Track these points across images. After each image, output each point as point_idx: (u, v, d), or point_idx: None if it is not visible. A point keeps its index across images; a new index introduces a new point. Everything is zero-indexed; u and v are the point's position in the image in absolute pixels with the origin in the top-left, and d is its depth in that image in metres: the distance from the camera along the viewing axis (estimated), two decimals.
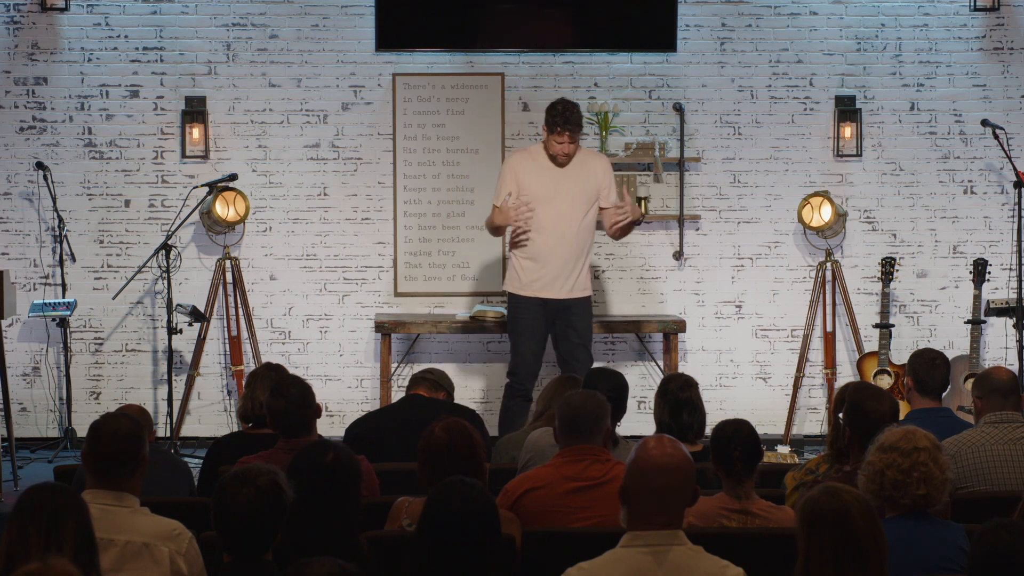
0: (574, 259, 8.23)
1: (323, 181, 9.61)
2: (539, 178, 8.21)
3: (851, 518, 3.76)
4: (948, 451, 5.15)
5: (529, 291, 8.25)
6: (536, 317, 8.26)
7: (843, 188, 9.71)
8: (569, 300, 8.25)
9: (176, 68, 9.53)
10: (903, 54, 9.73)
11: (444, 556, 3.90)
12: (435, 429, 4.86)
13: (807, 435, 9.64)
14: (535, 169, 8.22)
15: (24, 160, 9.47)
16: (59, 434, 9.40)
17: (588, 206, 8.25)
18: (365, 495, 5.40)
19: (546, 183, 8.19)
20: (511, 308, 8.39)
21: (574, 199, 8.20)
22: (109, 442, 4.41)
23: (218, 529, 4.03)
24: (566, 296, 8.24)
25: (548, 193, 8.18)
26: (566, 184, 8.20)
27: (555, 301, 8.24)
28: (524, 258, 8.26)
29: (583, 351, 8.27)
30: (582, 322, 8.30)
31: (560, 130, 8.10)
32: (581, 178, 8.22)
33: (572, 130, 8.11)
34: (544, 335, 8.35)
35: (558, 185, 8.19)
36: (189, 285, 9.48)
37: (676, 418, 6.11)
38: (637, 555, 3.87)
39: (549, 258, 8.20)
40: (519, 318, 8.31)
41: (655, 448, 3.95)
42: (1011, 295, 9.17)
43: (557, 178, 8.20)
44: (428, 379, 6.87)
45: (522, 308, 8.29)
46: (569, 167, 8.22)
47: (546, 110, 8.24)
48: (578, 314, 8.28)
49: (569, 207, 8.19)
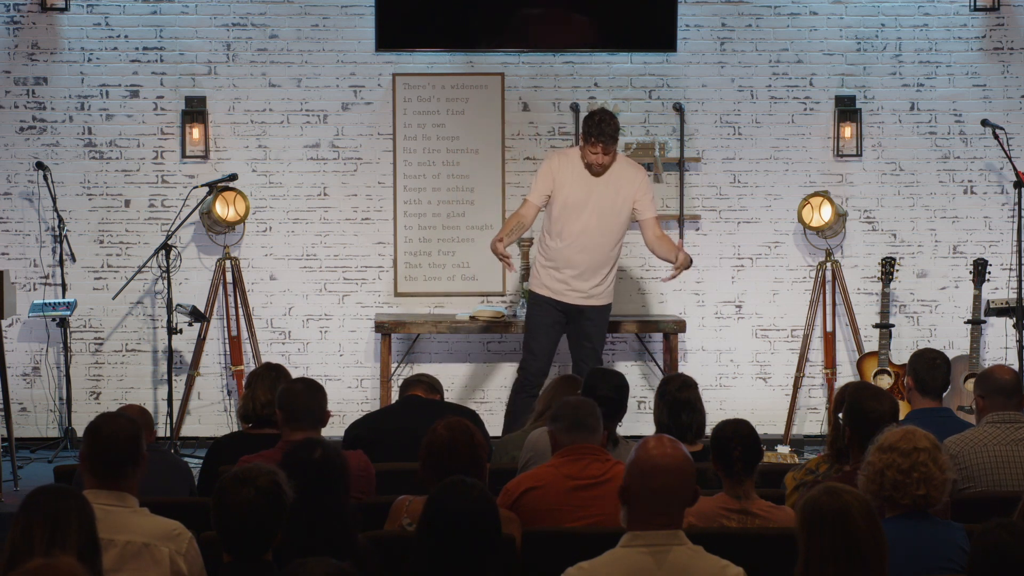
0: (594, 269, 8.23)
1: (323, 181, 9.62)
2: (573, 184, 8.17)
3: (851, 518, 3.76)
4: (950, 450, 5.16)
5: (547, 292, 8.27)
6: (552, 317, 8.29)
7: (843, 188, 9.71)
8: (585, 307, 8.26)
9: (176, 68, 9.53)
10: (903, 54, 9.73)
11: (444, 556, 3.90)
12: (438, 427, 4.88)
13: (807, 435, 9.64)
14: (571, 174, 8.19)
15: (24, 160, 9.47)
16: (59, 434, 9.40)
17: (618, 218, 8.22)
18: (363, 492, 5.43)
19: (579, 190, 8.17)
20: (529, 305, 8.44)
21: (603, 210, 8.17)
22: (107, 442, 4.41)
23: (218, 529, 4.03)
24: (583, 303, 8.25)
25: (579, 201, 8.16)
26: (597, 194, 8.16)
27: (572, 307, 8.26)
28: (546, 263, 8.27)
29: (594, 357, 8.28)
30: (595, 329, 8.31)
31: (595, 141, 8.09)
32: (614, 188, 8.19)
33: (606, 142, 8.08)
34: (558, 335, 8.38)
35: (590, 194, 8.16)
36: (189, 285, 9.48)
37: (675, 418, 6.11)
38: (637, 555, 3.87)
39: (568, 267, 8.22)
40: (534, 316, 8.35)
41: (655, 448, 3.95)
42: (1011, 295, 9.17)
43: (590, 187, 8.17)
44: (424, 381, 6.89)
45: (539, 307, 8.32)
46: (604, 176, 8.19)
47: (584, 118, 8.24)
48: (593, 321, 8.28)
49: (597, 218, 8.17)
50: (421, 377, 6.96)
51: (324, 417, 5.68)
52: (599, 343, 8.37)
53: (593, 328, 8.30)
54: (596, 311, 8.29)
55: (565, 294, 8.25)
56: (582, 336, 8.29)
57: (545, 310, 8.29)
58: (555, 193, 8.18)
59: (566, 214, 8.16)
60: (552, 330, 8.33)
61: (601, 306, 8.31)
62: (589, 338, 8.28)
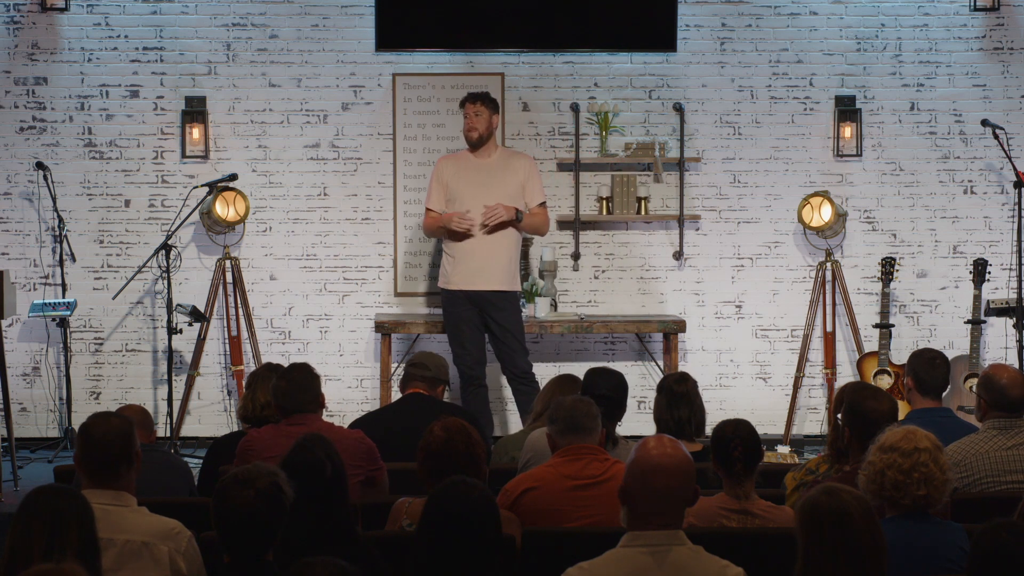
0: (493, 254, 8.49)
1: (323, 181, 9.62)
2: (463, 178, 8.52)
3: (850, 518, 3.76)
4: (953, 458, 5.16)
5: (453, 285, 8.54)
6: (465, 309, 8.53)
7: (843, 188, 9.71)
8: (489, 292, 8.49)
9: (176, 68, 9.53)
10: (903, 54, 9.73)
11: (444, 556, 3.90)
12: (434, 428, 4.88)
13: (807, 435, 9.64)
14: (457, 170, 8.57)
15: (24, 160, 9.47)
16: (59, 434, 9.40)
17: (508, 202, 8.48)
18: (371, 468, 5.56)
19: (470, 182, 8.51)
20: (443, 304, 8.72)
21: (495, 198, 8.46)
22: (100, 443, 4.42)
23: (218, 530, 4.03)
24: (486, 288, 8.49)
25: (470, 191, 8.49)
26: (487, 183, 8.50)
27: (476, 293, 8.50)
28: (447, 255, 8.62)
29: (515, 343, 8.55)
30: (506, 317, 8.54)
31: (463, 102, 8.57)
32: (502, 177, 8.52)
33: (472, 98, 8.54)
34: (479, 326, 8.61)
35: (477, 182, 8.50)
36: (189, 285, 9.48)
37: (673, 411, 6.11)
38: (637, 555, 3.87)
39: (468, 254, 8.50)
40: (449, 312, 8.62)
41: (655, 448, 3.95)
42: (1011, 295, 9.17)
43: (480, 179, 8.50)
44: (425, 377, 6.83)
45: (449, 303, 8.59)
46: (493, 167, 8.53)
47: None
48: (502, 309, 8.53)
49: (488, 203, 8.47)
50: (421, 371, 6.86)
51: (315, 400, 5.77)
52: (517, 331, 8.62)
53: (503, 316, 8.55)
54: (502, 297, 8.57)
55: (468, 282, 8.56)
56: (495, 325, 8.60)
57: (455, 304, 8.61)
58: (447, 192, 8.58)
59: (460, 206, 8.52)
60: (470, 322, 8.62)
61: (507, 291, 8.59)
62: (501, 327, 8.57)
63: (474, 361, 8.55)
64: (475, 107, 8.52)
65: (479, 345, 8.59)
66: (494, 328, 8.54)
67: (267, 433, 5.76)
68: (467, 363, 8.55)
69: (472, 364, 8.55)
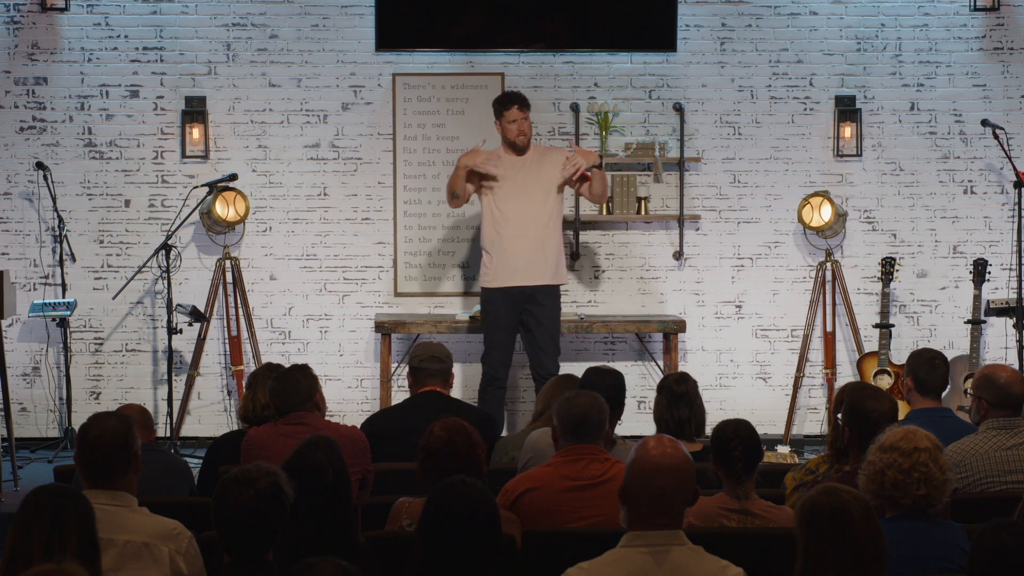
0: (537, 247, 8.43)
1: (323, 181, 9.62)
2: (507, 178, 8.42)
3: (850, 518, 3.76)
4: (953, 458, 5.15)
5: (496, 283, 8.47)
6: (503, 310, 8.47)
7: (843, 188, 9.71)
8: (532, 288, 8.44)
9: (176, 68, 9.53)
10: (903, 54, 9.73)
11: (444, 556, 3.90)
12: (434, 428, 4.88)
13: (807, 435, 9.64)
14: (503, 168, 8.46)
15: (24, 160, 9.47)
16: (59, 434, 9.40)
17: (548, 196, 8.44)
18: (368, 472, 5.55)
19: (513, 181, 8.42)
20: (481, 302, 8.65)
21: (533, 192, 8.42)
22: (98, 443, 4.41)
23: (218, 530, 4.03)
24: (529, 284, 8.44)
25: (513, 191, 8.42)
26: (523, 178, 8.43)
27: (519, 289, 8.44)
28: (486, 252, 8.53)
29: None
30: (545, 313, 8.49)
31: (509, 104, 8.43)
32: (538, 170, 8.45)
33: (521, 104, 8.42)
34: (513, 329, 8.56)
35: (515, 180, 8.42)
36: (189, 285, 9.48)
37: (673, 411, 6.11)
38: (637, 555, 3.87)
39: (510, 250, 8.43)
40: (487, 311, 8.55)
41: (655, 448, 3.95)
42: (1011, 295, 9.17)
43: (515, 174, 8.43)
44: (441, 371, 6.73)
45: (488, 301, 8.51)
46: (528, 161, 8.46)
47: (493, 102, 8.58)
48: (543, 304, 8.47)
49: (528, 200, 8.41)
50: (434, 364, 6.74)
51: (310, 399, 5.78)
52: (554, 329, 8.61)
53: (543, 312, 8.52)
54: (545, 291, 8.53)
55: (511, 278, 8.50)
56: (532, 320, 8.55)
57: (494, 303, 8.55)
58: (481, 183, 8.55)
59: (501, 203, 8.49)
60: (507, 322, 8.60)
61: (551, 286, 8.56)
62: (540, 322, 8.52)
63: (500, 363, 8.51)
64: (523, 112, 8.42)
65: (508, 349, 8.55)
66: (531, 323, 8.47)
67: (266, 432, 5.76)
68: (492, 364, 8.50)
69: (497, 366, 8.51)
